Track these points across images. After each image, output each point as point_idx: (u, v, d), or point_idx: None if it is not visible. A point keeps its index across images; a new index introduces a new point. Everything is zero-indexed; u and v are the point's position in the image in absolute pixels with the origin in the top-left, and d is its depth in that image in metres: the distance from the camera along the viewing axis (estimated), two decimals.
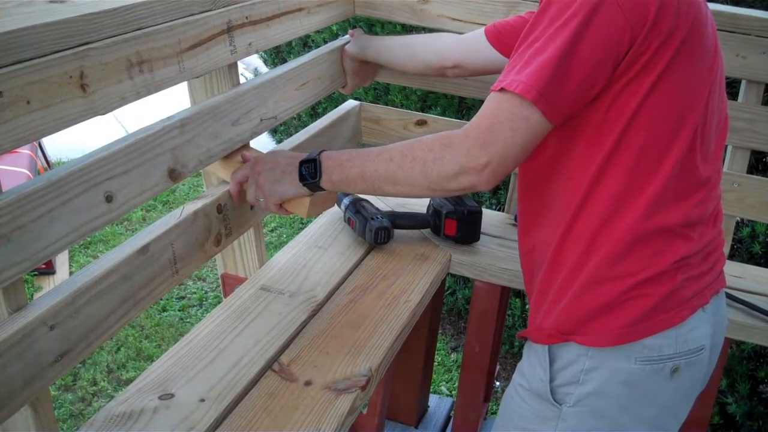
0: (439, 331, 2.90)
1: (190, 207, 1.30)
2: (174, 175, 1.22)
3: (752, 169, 2.22)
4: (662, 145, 1.04)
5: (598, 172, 1.05)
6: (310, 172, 1.21)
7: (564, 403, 1.13)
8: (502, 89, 1.01)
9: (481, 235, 1.74)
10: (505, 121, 1.00)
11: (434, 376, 2.67)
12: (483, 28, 1.57)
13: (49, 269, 3.13)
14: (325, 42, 2.76)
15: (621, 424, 1.12)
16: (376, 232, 1.62)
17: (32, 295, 2.87)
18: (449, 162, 1.04)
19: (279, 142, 4.15)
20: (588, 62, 0.98)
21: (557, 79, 0.97)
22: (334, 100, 3.32)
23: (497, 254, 1.71)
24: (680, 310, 1.08)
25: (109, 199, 1.08)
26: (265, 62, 4.35)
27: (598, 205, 1.07)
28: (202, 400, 1.15)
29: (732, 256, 2.02)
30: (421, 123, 1.98)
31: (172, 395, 1.15)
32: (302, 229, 1.84)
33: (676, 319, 1.08)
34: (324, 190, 1.23)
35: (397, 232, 1.70)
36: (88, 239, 3.49)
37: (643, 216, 1.05)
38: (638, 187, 1.05)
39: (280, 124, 3.57)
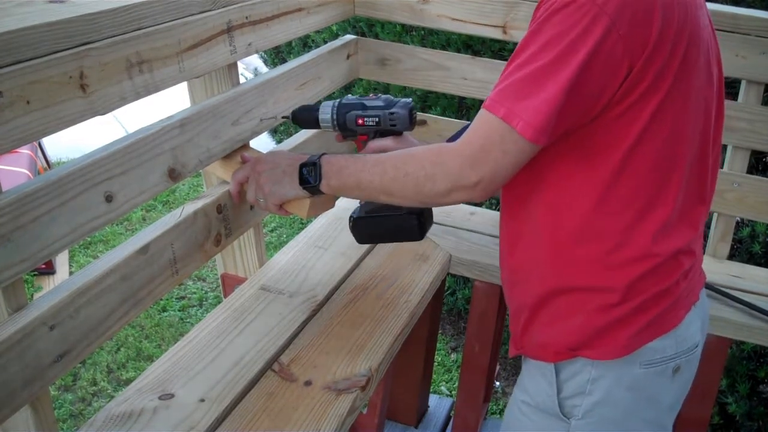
0: (439, 331, 2.90)
1: (190, 207, 1.30)
2: (174, 175, 1.22)
3: (752, 169, 2.22)
4: (667, 169, 1.03)
5: (600, 199, 1.03)
6: (311, 175, 1.21)
7: (572, 416, 1.12)
8: (503, 119, 0.97)
9: (481, 235, 1.73)
10: (496, 142, 0.98)
11: (434, 376, 2.67)
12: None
13: (49, 269, 3.13)
14: (325, 42, 2.75)
15: (629, 430, 1.12)
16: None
17: (32, 295, 2.87)
18: (441, 180, 1.04)
19: (279, 142, 4.15)
20: (589, 95, 0.96)
21: (557, 116, 0.95)
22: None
23: (497, 254, 1.70)
24: (678, 310, 1.09)
25: (109, 199, 1.08)
26: (265, 62, 4.35)
27: (602, 232, 1.05)
28: (202, 400, 1.15)
29: (732, 256, 2.02)
30: (421, 123, 1.98)
31: (172, 395, 1.15)
32: (302, 229, 1.84)
33: (675, 320, 1.09)
34: (323, 193, 1.23)
35: None
36: (88, 239, 3.49)
37: (651, 241, 1.04)
38: (644, 215, 1.03)
39: (280, 124, 3.57)
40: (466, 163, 1.01)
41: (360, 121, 1.36)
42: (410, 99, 1.38)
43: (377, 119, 1.35)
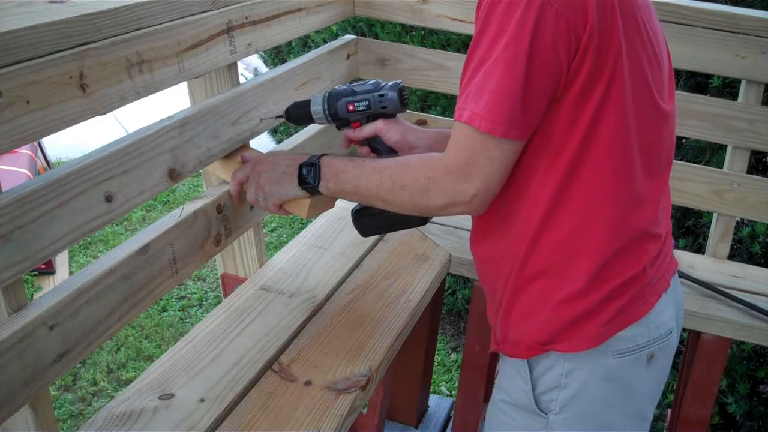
0: (439, 331, 2.90)
1: (190, 207, 1.30)
2: (174, 175, 1.22)
3: (752, 169, 2.22)
4: (622, 150, 1.03)
5: (561, 184, 1.04)
6: (310, 175, 1.22)
7: (550, 411, 1.12)
8: (466, 122, 0.98)
9: None
10: (479, 150, 0.99)
11: (434, 376, 2.67)
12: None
13: (49, 269, 3.14)
14: (325, 42, 2.76)
15: (608, 422, 1.12)
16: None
17: (32, 295, 2.87)
18: (436, 197, 1.05)
19: (279, 142, 4.15)
20: (545, 77, 0.96)
21: (521, 106, 0.95)
22: None
23: None
24: (648, 297, 1.09)
25: (109, 199, 1.08)
26: (265, 62, 4.35)
27: (568, 216, 1.05)
28: (202, 400, 1.15)
29: (732, 256, 2.02)
30: (421, 123, 1.98)
31: (172, 395, 1.15)
32: (302, 229, 1.84)
33: (646, 307, 1.09)
34: (322, 194, 1.23)
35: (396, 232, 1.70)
36: (88, 239, 3.49)
37: (616, 223, 1.05)
38: (605, 195, 1.04)
39: (280, 124, 3.57)
40: (458, 178, 1.01)
41: (351, 107, 1.35)
42: (400, 80, 1.37)
43: (367, 103, 1.35)
